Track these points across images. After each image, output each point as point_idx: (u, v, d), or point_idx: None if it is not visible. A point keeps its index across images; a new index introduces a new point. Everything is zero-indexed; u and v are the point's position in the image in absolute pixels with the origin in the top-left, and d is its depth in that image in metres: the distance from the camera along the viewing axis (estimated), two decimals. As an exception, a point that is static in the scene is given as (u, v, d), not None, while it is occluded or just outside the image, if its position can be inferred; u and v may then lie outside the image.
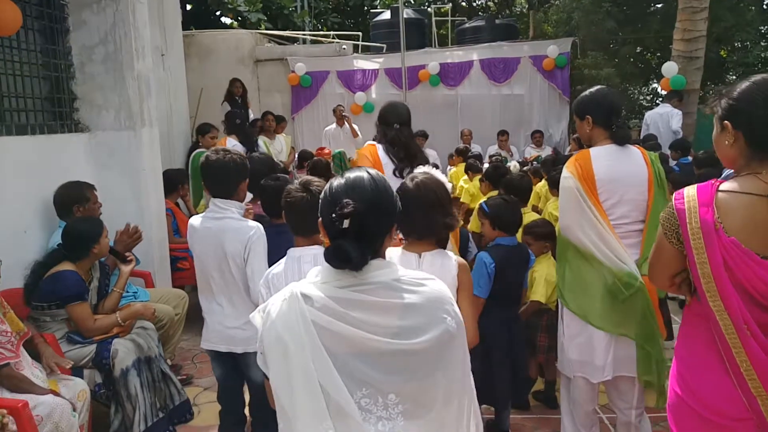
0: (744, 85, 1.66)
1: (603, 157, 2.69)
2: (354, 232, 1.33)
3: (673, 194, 1.71)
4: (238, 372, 2.89)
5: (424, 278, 1.43)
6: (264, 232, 2.73)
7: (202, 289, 2.85)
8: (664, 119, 8.46)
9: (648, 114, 8.57)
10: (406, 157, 3.33)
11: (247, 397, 3.08)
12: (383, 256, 1.43)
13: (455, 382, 1.41)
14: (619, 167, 2.66)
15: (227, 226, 2.71)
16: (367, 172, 1.44)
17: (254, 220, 3.28)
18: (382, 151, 3.36)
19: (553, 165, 5.76)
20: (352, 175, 1.43)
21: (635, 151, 2.72)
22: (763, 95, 1.61)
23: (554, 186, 4.54)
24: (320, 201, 1.44)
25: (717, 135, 1.74)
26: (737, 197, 1.60)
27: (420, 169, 2.36)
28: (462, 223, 4.79)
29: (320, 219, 1.43)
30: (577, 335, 2.73)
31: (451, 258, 2.24)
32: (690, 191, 1.66)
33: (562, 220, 2.78)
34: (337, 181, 1.43)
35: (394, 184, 1.40)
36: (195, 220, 2.82)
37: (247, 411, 3.09)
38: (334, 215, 1.33)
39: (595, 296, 2.65)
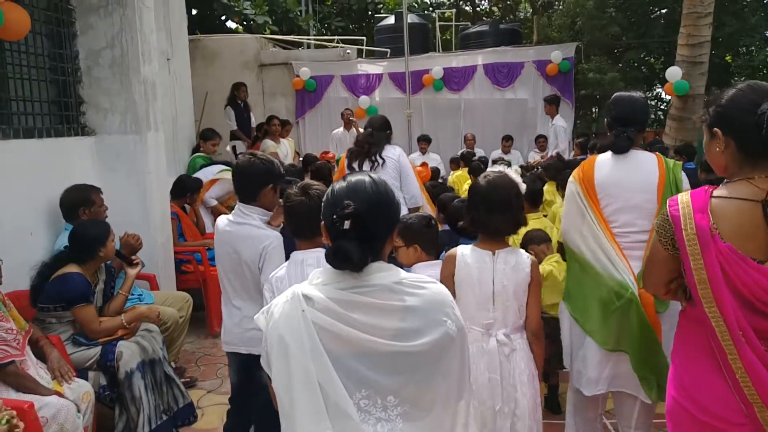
0: (731, 92, 1.67)
1: (607, 162, 2.68)
2: (355, 234, 1.35)
3: (668, 200, 1.71)
4: (253, 375, 2.89)
5: (425, 281, 1.44)
6: (282, 242, 2.72)
7: (223, 290, 2.86)
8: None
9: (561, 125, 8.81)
10: (355, 151, 4.28)
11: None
12: (385, 260, 1.45)
13: (454, 385, 1.42)
14: (622, 172, 2.61)
15: (245, 232, 2.70)
16: (369, 176, 1.46)
17: None
18: (346, 156, 4.34)
19: (557, 170, 5.76)
20: (353, 178, 1.46)
21: (646, 157, 2.65)
22: (750, 101, 1.61)
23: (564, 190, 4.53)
24: (323, 204, 1.47)
25: (707, 142, 1.75)
26: (731, 203, 1.61)
27: (494, 168, 2.40)
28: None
29: (322, 222, 1.45)
30: (577, 344, 2.69)
31: (524, 255, 2.29)
32: (684, 197, 1.66)
33: (563, 224, 2.78)
34: (339, 184, 1.46)
35: (360, 175, 1.46)
36: (221, 221, 2.83)
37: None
38: (335, 216, 1.36)
39: (593, 306, 2.59)
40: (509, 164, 7.80)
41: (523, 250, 2.35)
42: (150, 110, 4.54)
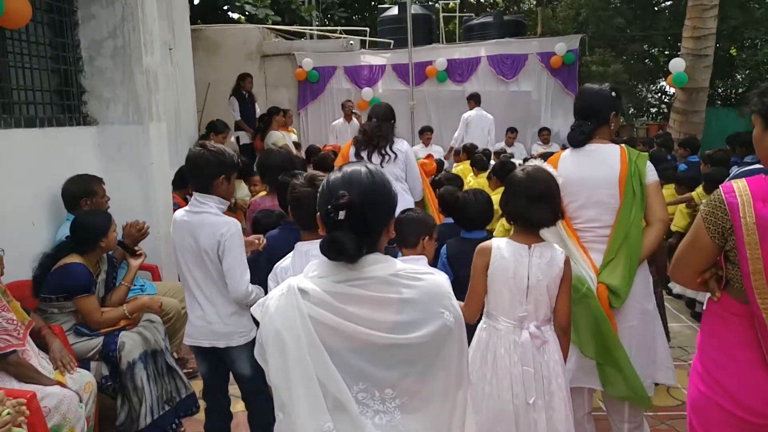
0: None
1: (570, 158, 2.69)
2: (349, 225, 1.34)
3: (720, 186, 1.64)
4: (222, 367, 2.89)
5: (423, 272, 1.42)
6: (240, 228, 2.71)
7: (184, 284, 2.82)
8: (486, 121, 9.14)
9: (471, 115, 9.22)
10: (363, 141, 4.17)
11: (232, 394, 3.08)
12: (381, 251, 1.43)
13: (453, 376, 1.41)
14: (584, 167, 2.61)
15: (204, 220, 2.67)
16: (365, 166, 1.44)
17: (270, 215, 3.29)
18: (352, 144, 4.24)
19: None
20: (349, 168, 1.43)
21: (609, 151, 2.64)
22: None
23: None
24: (318, 194, 1.44)
25: (760, 134, 1.70)
26: None
27: (532, 161, 2.38)
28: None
29: (318, 213, 1.43)
30: None
31: (558, 251, 2.28)
32: (740, 184, 1.60)
33: None
34: (334, 174, 1.43)
35: (356, 165, 1.44)
36: (177, 213, 2.80)
37: (234, 408, 3.10)
38: (329, 207, 1.34)
39: None
40: (512, 156, 7.80)
41: (556, 246, 2.33)
42: (152, 100, 4.52)
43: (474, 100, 9.35)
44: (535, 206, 2.22)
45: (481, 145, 8.80)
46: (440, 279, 1.44)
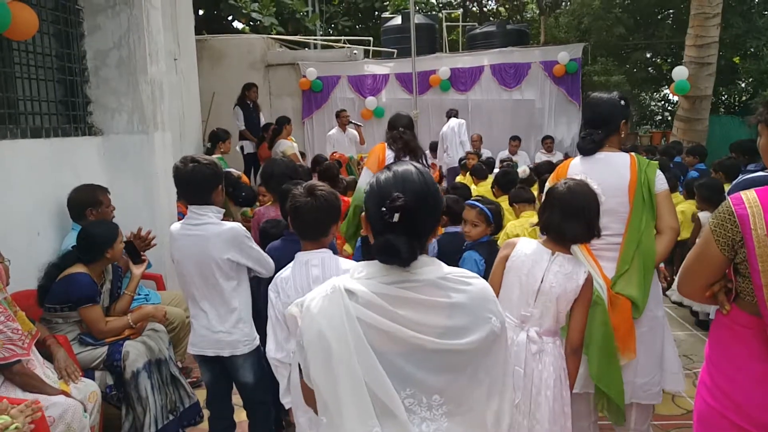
0: None
1: (580, 166, 2.70)
2: (403, 227, 1.30)
3: (729, 197, 1.61)
4: (226, 376, 2.91)
5: (469, 276, 1.39)
6: (243, 227, 2.78)
7: (188, 295, 2.85)
8: (456, 130, 9.17)
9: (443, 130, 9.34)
10: (403, 148, 4.12)
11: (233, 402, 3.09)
12: (427, 252, 1.40)
13: (497, 381, 1.39)
14: (593, 175, 2.58)
15: (208, 231, 2.71)
16: (414, 166, 1.40)
17: (277, 225, 3.32)
18: (387, 148, 4.18)
19: (549, 171, 5.75)
20: (400, 168, 1.39)
21: (619, 159, 2.64)
22: None
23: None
24: (366, 194, 1.41)
25: (767, 142, 1.69)
26: None
27: (577, 176, 2.40)
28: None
29: (363, 213, 1.40)
30: None
31: (582, 269, 2.26)
32: (749, 195, 1.56)
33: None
34: (384, 174, 1.39)
35: (405, 165, 1.43)
36: (174, 228, 2.82)
37: (237, 417, 3.10)
38: (384, 209, 1.30)
39: None
40: (516, 165, 7.81)
41: (585, 264, 2.32)
42: (157, 110, 4.55)
43: (448, 115, 9.53)
44: (570, 221, 2.22)
45: (460, 152, 8.89)
46: (486, 283, 1.41)
